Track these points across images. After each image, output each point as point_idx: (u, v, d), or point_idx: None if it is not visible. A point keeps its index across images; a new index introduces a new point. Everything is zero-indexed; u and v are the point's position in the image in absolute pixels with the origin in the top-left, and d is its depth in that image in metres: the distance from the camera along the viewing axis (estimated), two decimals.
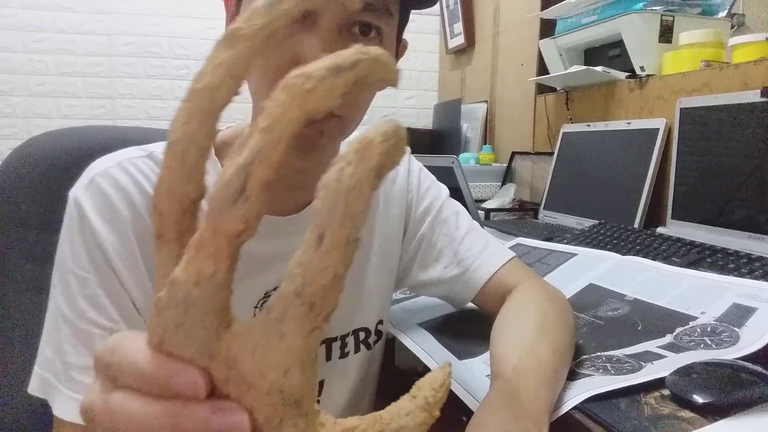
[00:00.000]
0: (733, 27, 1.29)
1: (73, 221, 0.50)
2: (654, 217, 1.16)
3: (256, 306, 0.58)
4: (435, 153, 2.13)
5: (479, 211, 1.53)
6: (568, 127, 1.47)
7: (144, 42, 2.40)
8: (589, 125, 1.39)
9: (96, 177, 0.51)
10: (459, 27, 2.37)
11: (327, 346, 0.62)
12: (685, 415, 0.45)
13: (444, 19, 2.52)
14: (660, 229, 1.07)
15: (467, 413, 0.50)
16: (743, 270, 0.77)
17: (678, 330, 0.61)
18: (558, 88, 1.61)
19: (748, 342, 0.55)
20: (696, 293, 0.68)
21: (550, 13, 1.56)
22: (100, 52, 2.38)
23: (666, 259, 0.86)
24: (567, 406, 0.47)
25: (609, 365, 0.54)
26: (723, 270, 0.78)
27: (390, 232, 0.67)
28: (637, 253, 0.89)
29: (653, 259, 0.82)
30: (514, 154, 1.83)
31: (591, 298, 0.75)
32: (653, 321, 0.65)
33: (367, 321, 0.66)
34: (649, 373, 0.51)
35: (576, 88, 1.53)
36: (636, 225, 1.14)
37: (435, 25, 2.64)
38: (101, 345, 0.24)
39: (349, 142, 0.65)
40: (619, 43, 1.33)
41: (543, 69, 1.68)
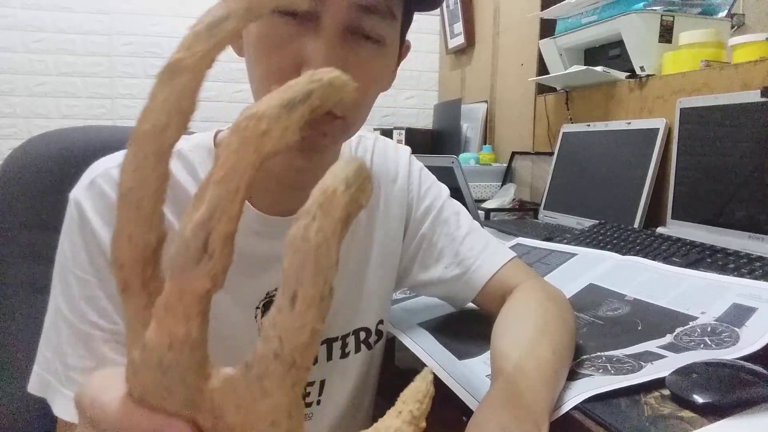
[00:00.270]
0: (733, 27, 1.29)
1: (73, 222, 0.50)
2: (654, 217, 1.16)
3: (257, 306, 0.58)
4: (435, 153, 2.13)
5: (479, 211, 1.53)
6: (568, 127, 1.47)
7: (144, 42, 2.40)
8: (589, 125, 1.39)
9: (97, 178, 0.51)
10: (459, 27, 2.37)
11: (328, 345, 0.62)
12: (685, 415, 0.45)
13: (444, 19, 2.52)
14: (660, 229, 1.07)
15: (467, 413, 0.50)
16: (743, 270, 0.77)
17: (678, 330, 0.61)
18: (558, 88, 1.61)
19: (748, 342, 0.55)
20: (696, 293, 0.68)
21: (550, 13, 1.56)
22: (100, 52, 2.38)
23: (666, 259, 0.86)
24: (567, 406, 0.47)
25: (609, 365, 0.54)
26: (723, 270, 0.78)
27: (390, 232, 0.67)
28: (637, 253, 0.89)
29: (653, 259, 0.82)
30: (514, 154, 1.83)
31: (591, 298, 0.75)
32: (653, 321, 0.65)
33: (368, 321, 0.66)
34: (649, 373, 0.51)
35: (576, 88, 1.53)
36: (636, 225, 1.14)
37: (435, 25, 2.64)
38: (79, 390, 0.23)
39: (349, 148, 0.65)
40: (619, 43, 1.33)
41: (543, 69, 1.68)
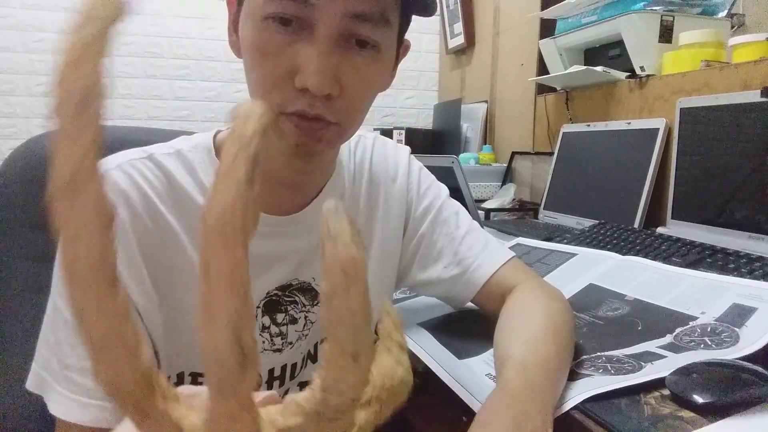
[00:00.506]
0: (733, 27, 1.28)
1: None
2: (654, 217, 1.16)
3: (257, 306, 0.58)
4: (435, 153, 2.13)
5: (479, 211, 1.53)
6: (568, 127, 1.47)
7: (144, 42, 2.40)
8: (589, 125, 1.39)
9: None
10: (459, 27, 2.37)
11: None
12: (685, 415, 0.45)
13: (444, 19, 2.52)
14: (660, 229, 1.07)
15: (467, 413, 0.50)
16: (743, 270, 0.77)
17: (678, 330, 0.61)
18: (558, 88, 1.61)
19: (748, 342, 0.55)
20: (696, 293, 0.68)
21: (550, 13, 1.56)
22: None
23: (666, 259, 0.86)
24: (567, 406, 0.47)
25: (609, 365, 0.54)
26: (723, 270, 0.78)
27: (390, 231, 0.66)
28: (637, 253, 0.89)
29: (653, 259, 0.82)
30: (514, 154, 1.83)
31: (591, 298, 0.75)
32: (653, 321, 0.65)
33: None
34: (649, 373, 0.51)
35: (576, 88, 1.53)
36: (636, 225, 1.14)
37: (435, 25, 2.64)
38: None
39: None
40: (619, 43, 1.33)
41: (543, 69, 1.68)
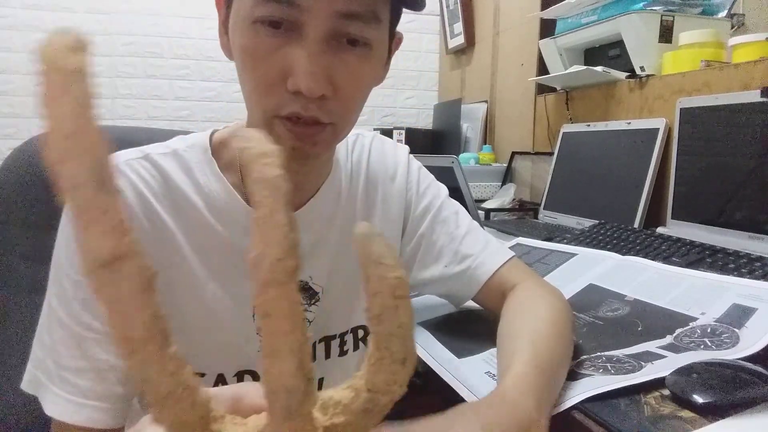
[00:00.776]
0: (733, 27, 1.28)
1: (69, 224, 0.50)
2: (654, 217, 1.16)
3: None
4: (435, 153, 2.13)
5: (479, 211, 1.53)
6: (568, 127, 1.47)
7: (144, 42, 2.40)
8: (589, 125, 1.39)
9: None
10: (459, 27, 2.37)
11: (326, 344, 0.62)
12: (685, 415, 0.45)
13: (444, 19, 2.52)
14: (660, 229, 1.07)
15: None
16: (743, 270, 0.77)
17: (678, 331, 0.61)
18: (558, 88, 1.61)
19: (748, 343, 0.55)
20: (696, 293, 0.68)
21: (550, 13, 1.56)
22: (100, 52, 2.37)
23: (666, 259, 0.86)
24: (567, 406, 0.47)
25: (609, 365, 0.54)
26: (723, 270, 0.78)
27: (389, 230, 0.66)
28: (637, 253, 0.89)
29: (653, 259, 0.82)
30: (514, 154, 1.83)
31: (591, 298, 0.75)
32: (653, 321, 0.65)
33: (366, 319, 0.66)
34: (649, 373, 0.51)
35: (576, 88, 1.53)
36: (636, 225, 1.14)
37: (435, 25, 2.64)
38: None
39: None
40: (619, 43, 1.33)
41: (543, 69, 1.68)
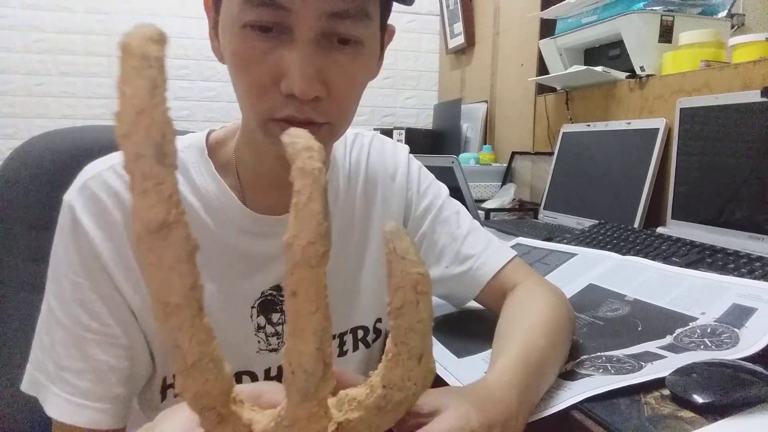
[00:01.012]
0: (733, 27, 1.28)
1: (66, 226, 0.50)
2: (654, 217, 1.16)
3: (252, 306, 0.58)
4: (435, 153, 2.13)
5: (479, 211, 1.53)
6: (568, 127, 1.47)
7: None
8: (589, 125, 1.39)
9: (88, 181, 0.51)
10: (459, 27, 2.37)
11: None
12: (685, 415, 0.45)
13: (444, 19, 2.52)
14: (660, 229, 1.06)
15: None
16: (743, 270, 0.77)
17: (678, 331, 0.61)
18: (558, 88, 1.61)
19: (748, 343, 0.55)
20: (696, 293, 0.68)
21: (550, 13, 1.56)
22: (100, 52, 2.37)
23: (666, 259, 0.86)
24: (566, 405, 0.47)
25: (609, 365, 0.54)
26: (723, 270, 0.78)
27: None
28: (637, 253, 0.89)
29: (653, 259, 0.82)
30: (514, 154, 1.83)
31: (591, 298, 0.75)
32: (653, 322, 0.65)
33: (366, 319, 0.66)
34: (649, 373, 0.51)
35: (576, 88, 1.53)
36: (636, 225, 1.14)
37: (435, 25, 2.64)
38: None
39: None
40: (619, 43, 1.33)
41: (543, 69, 1.68)
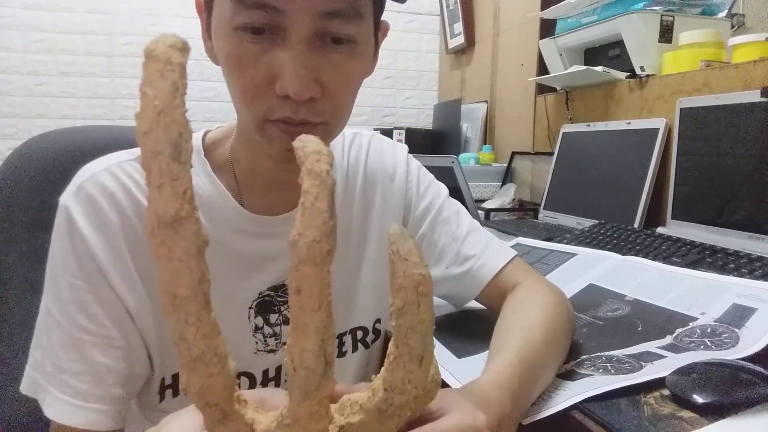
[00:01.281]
0: (733, 27, 1.28)
1: (62, 228, 0.50)
2: (654, 217, 1.16)
3: (250, 307, 0.57)
4: (435, 153, 2.13)
5: (479, 211, 1.53)
6: (568, 127, 1.47)
7: (144, 42, 2.38)
8: (589, 125, 1.39)
9: (84, 183, 0.51)
10: (459, 27, 2.37)
11: None
12: (685, 415, 0.45)
13: (444, 19, 2.52)
14: (660, 229, 1.06)
15: None
16: (743, 270, 0.77)
17: (678, 331, 0.61)
18: (558, 88, 1.61)
19: (748, 343, 0.55)
20: (696, 293, 0.68)
21: (550, 13, 1.56)
22: (100, 52, 2.37)
23: (666, 259, 0.86)
24: (567, 405, 0.47)
25: (609, 365, 0.54)
26: (723, 270, 0.78)
27: (388, 230, 0.66)
28: (637, 253, 0.89)
29: (653, 259, 0.82)
30: (514, 154, 1.83)
31: (591, 298, 0.75)
32: (653, 322, 0.65)
33: (365, 320, 0.66)
34: (649, 373, 0.51)
35: (576, 88, 1.53)
36: (636, 225, 1.14)
37: (435, 25, 2.64)
38: None
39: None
40: (619, 43, 1.33)
41: (543, 69, 1.68)
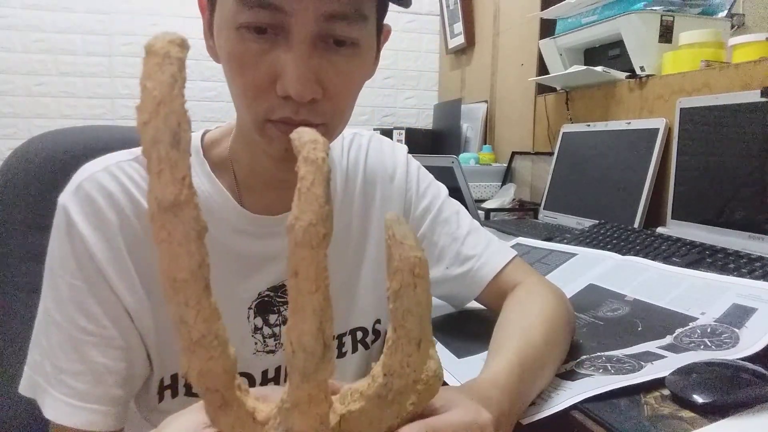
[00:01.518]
0: (733, 27, 1.28)
1: (61, 228, 0.50)
2: (654, 217, 1.16)
3: (249, 307, 0.57)
4: (435, 153, 2.13)
5: (479, 211, 1.53)
6: (568, 127, 1.47)
7: (144, 42, 2.39)
8: (589, 125, 1.39)
9: (83, 183, 0.51)
10: (459, 27, 2.37)
11: None
12: (685, 415, 0.45)
13: (444, 19, 2.52)
14: (660, 229, 1.06)
15: None
16: (743, 270, 0.77)
17: (678, 331, 0.61)
18: (558, 88, 1.61)
19: (748, 343, 0.55)
20: (696, 293, 0.68)
21: (550, 13, 1.56)
22: (100, 52, 2.37)
23: (666, 259, 0.86)
24: (567, 405, 0.47)
25: (609, 365, 0.54)
26: (723, 270, 0.78)
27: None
28: (637, 253, 0.89)
29: (653, 259, 0.82)
30: (514, 154, 1.83)
31: (591, 298, 0.75)
32: (653, 322, 0.65)
33: (364, 320, 0.66)
34: (649, 373, 0.51)
35: (576, 88, 1.53)
36: (636, 225, 1.14)
37: (435, 25, 2.64)
38: None
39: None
40: (619, 43, 1.33)
41: (543, 69, 1.68)
